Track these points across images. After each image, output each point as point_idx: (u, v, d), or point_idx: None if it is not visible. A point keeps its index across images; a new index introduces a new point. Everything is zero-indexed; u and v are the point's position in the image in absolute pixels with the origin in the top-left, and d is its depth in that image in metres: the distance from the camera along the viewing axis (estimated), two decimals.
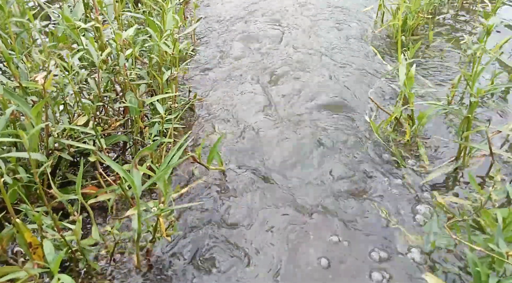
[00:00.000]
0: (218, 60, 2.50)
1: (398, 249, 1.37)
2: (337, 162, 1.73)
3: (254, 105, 2.09)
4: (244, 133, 1.90)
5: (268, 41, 2.68)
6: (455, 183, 1.64)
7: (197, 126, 1.98)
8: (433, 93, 2.14)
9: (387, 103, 2.09)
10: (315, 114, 2.02)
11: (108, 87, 1.74)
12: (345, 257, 1.35)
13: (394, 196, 1.57)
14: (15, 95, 1.29)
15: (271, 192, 1.59)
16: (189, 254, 1.36)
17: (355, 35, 2.74)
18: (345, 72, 2.34)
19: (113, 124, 1.67)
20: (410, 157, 1.76)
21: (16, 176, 1.28)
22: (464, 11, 3.03)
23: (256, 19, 2.98)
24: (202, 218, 1.49)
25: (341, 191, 1.59)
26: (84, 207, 1.39)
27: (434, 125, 1.94)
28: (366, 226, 1.45)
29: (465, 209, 1.50)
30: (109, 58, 1.69)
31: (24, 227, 1.15)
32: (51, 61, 1.36)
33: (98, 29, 1.65)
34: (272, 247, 1.38)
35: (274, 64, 2.43)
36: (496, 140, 1.83)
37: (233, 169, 1.70)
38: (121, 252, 1.36)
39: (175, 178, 1.68)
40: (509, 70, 2.28)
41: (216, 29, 2.88)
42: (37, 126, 1.15)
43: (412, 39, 2.65)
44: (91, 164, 1.63)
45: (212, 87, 2.25)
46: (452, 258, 1.35)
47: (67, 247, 1.20)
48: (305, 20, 2.95)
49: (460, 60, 2.42)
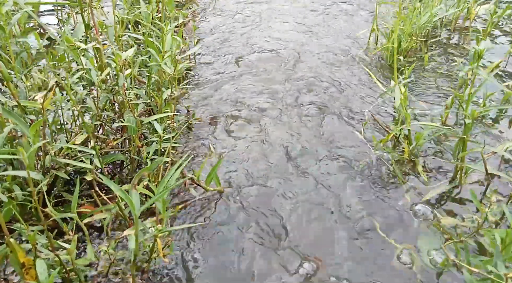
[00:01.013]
0: (216, 81, 2.53)
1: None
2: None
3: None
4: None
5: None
6: (452, 202, 1.64)
7: (194, 144, 1.98)
8: (429, 114, 2.17)
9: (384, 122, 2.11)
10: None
11: (107, 106, 1.75)
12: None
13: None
14: (13, 114, 1.29)
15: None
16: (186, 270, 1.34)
17: (347, 59, 2.79)
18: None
19: (110, 143, 1.67)
20: (408, 176, 1.77)
21: (11, 195, 1.27)
22: (458, 34, 3.10)
23: (256, 43, 3.03)
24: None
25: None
26: (79, 226, 1.38)
27: (435, 144, 1.96)
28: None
29: (462, 229, 1.50)
30: (108, 78, 1.71)
31: (18, 247, 1.13)
32: (51, 81, 1.37)
33: (98, 50, 1.67)
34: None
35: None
36: (492, 159, 1.84)
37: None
38: (115, 273, 1.34)
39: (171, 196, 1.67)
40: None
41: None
42: (35, 145, 1.15)
43: (406, 61, 2.71)
44: (86, 182, 1.62)
45: (209, 106, 2.27)
46: (450, 279, 1.34)
47: (61, 266, 1.18)
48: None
49: (451, 83, 2.46)
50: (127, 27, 2.20)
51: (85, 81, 1.75)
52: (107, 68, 1.60)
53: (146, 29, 2.06)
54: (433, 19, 2.80)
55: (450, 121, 2.12)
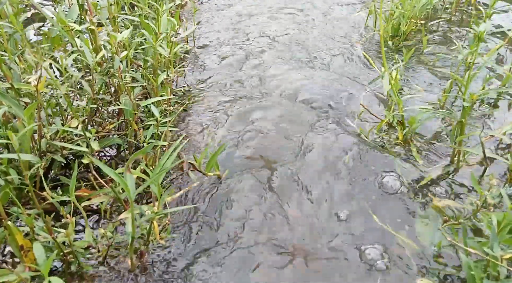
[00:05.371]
0: (215, 64, 2.50)
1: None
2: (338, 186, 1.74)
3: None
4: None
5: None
6: (449, 186, 1.65)
7: (190, 128, 1.97)
8: (426, 98, 2.16)
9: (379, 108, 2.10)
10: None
11: (103, 89, 1.73)
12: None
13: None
14: (7, 96, 1.28)
15: None
16: (183, 255, 1.35)
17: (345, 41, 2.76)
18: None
19: (107, 126, 1.66)
20: (404, 160, 1.77)
21: (7, 178, 1.27)
22: (459, 16, 3.06)
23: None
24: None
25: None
26: (77, 210, 1.37)
27: (432, 126, 1.95)
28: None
29: (460, 212, 1.51)
30: (103, 61, 1.68)
31: (16, 230, 1.13)
32: (45, 63, 1.35)
33: (92, 31, 1.64)
34: None
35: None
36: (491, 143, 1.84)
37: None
38: (114, 255, 1.35)
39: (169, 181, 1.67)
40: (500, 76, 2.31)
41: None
42: (28, 126, 1.13)
43: (405, 45, 2.67)
44: (84, 166, 1.61)
45: (207, 89, 2.25)
46: (445, 261, 1.35)
47: (59, 249, 1.19)
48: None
49: (451, 65, 2.44)
50: (123, 8, 2.16)
51: (80, 63, 1.73)
52: (102, 50, 1.57)
53: (142, 10, 2.02)
54: (433, 1, 2.76)
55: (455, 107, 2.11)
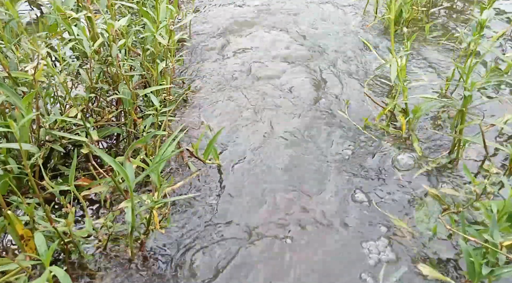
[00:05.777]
0: (214, 53, 2.48)
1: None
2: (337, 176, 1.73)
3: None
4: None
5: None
6: (449, 175, 1.64)
7: (190, 117, 1.96)
8: (428, 86, 2.14)
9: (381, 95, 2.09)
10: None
11: (101, 78, 1.71)
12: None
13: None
14: (4, 85, 1.26)
15: None
16: (183, 244, 1.36)
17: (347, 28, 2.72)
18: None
19: (105, 115, 1.65)
20: (404, 150, 1.76)
21: (7, 167, 1.26)
22: (461, 3, 3.02)
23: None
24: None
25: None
26: (76, 199, 1.37)
27: (431, 117, 1.94)
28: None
29: (460, 200, 1.51)
30: (101, 49, 1.66)
31: (16, 219, 1.13)
32: (42, 51, 1.33)
33: (90, 19, 1.62)
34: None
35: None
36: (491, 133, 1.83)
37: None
38: (114, 244, 1.35)
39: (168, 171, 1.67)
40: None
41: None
42: (28, 116, 1.13)
43: (408, 31, 2.64)
44: (83, 155, 1.61)
45: (206, 78, 2.23)
46: (446, 248, 1.35)
47: (59, 238, 1.19)
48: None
49: (453, 54, 2.41)
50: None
51: (77, 52, 1.71)
52: (99, 38, 1.55)
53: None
54: None
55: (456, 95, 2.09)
